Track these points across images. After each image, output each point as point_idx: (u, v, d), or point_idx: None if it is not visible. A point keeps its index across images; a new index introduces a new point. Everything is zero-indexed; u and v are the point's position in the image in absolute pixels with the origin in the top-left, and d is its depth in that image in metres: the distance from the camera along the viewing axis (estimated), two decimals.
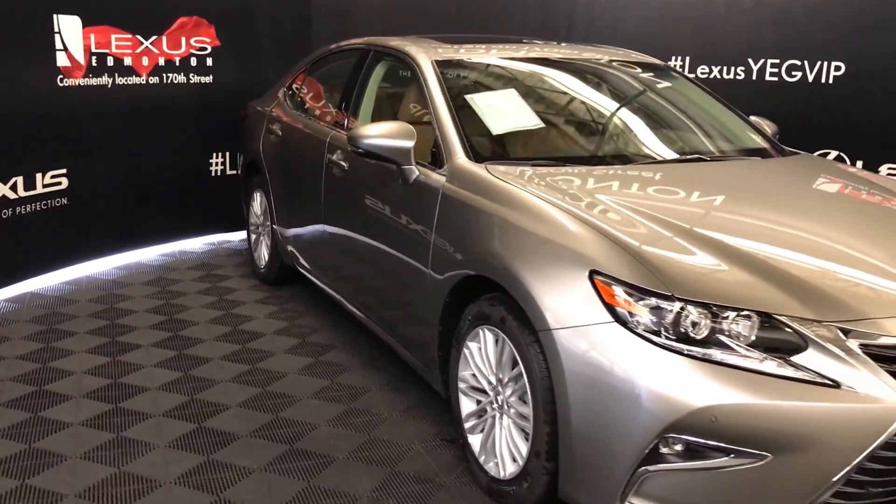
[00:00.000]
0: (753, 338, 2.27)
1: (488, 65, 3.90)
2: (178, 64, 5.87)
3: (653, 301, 2.33)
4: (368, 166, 3.66)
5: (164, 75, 5.80)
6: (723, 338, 2.28)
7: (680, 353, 2.27)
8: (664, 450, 2.29)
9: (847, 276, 2.51)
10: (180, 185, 6.04)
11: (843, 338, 2.25)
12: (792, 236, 2.81)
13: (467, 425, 3.05)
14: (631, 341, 2.32)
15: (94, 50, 5.30)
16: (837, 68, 6.80)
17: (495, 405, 2.90)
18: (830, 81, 6.85)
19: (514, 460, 2.78)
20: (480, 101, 3.50)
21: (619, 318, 2.36)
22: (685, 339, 2.29)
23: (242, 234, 6.13)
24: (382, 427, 3.44)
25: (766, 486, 2.22)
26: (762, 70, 7.13)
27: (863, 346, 2.24)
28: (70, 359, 4.02)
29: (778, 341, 2.26)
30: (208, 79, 6.06)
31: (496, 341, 2.85)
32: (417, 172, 3.34)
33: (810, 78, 6.93)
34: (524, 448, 2.71)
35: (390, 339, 3.70)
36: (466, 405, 3.06)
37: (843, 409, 2.18)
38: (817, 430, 2.18)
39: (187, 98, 5.95)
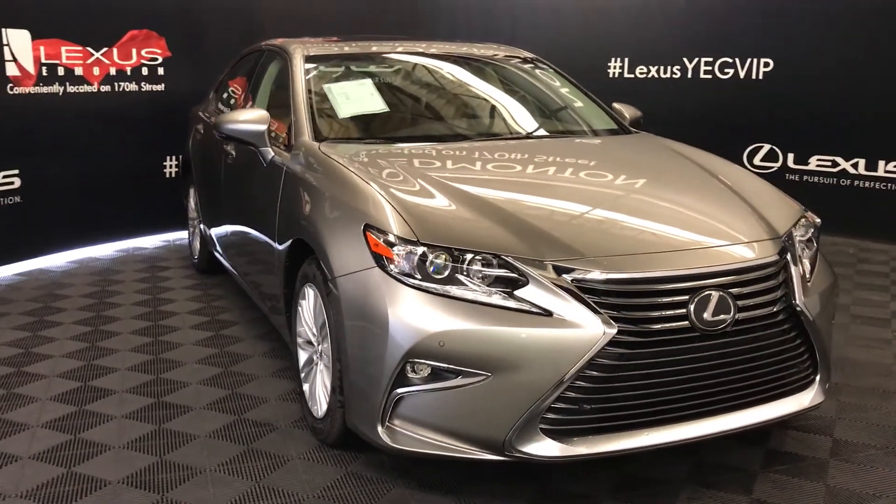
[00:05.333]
0: (485, 276, 2.60)
1: (356, 58, 4.28)
2: (129, 73, 6.35)
3: (406, 247, 2.67)
4: (246, 152, 4.05)
5: (116, 84, 6.28)
6: (460, 276, 2.61)
7: (423, 290, 2.60)
8: (411, 374, 2.62)
9: (576, 223, 2.85)
10: (134, 185, 6.50)
11: (557, 275, 2.56)
12: (550, 193, 3.16)
13: (302, 375, 3.40)
14: (387, 282, 2.67)
15: (44, 61, 5.79)
16: (766, 64, 7.06)
17: (317, 354, 3.25)
18: (760, 77, 7.10)
19: (326, 400, 3.12)
20: (335, 90, 3.88)
21: (379, 263, 2.71)
22: (429, 278, 2.62)
23: None
24: (248, 385, 3.80)
25: (490, 402, 2.54)
26: (696, 68, 7.41)
27: (575, 280, 2.55)
28: None
29: (505, 278, 2.59)
30: (160, 87, 6.53)
31: (315, 296, 3.20)
32: (273, 153, 3.73)
33: (742, 74, 7.19)
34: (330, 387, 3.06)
35: (263, 307, 4.07)
36: (302, 357, 3.41)
37: (552, 333, 2.49)
38: (529, 352, 2.50)
39: (140, 105, 6.43)
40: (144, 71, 6.43)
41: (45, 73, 5.81)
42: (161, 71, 6.52)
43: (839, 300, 4.98)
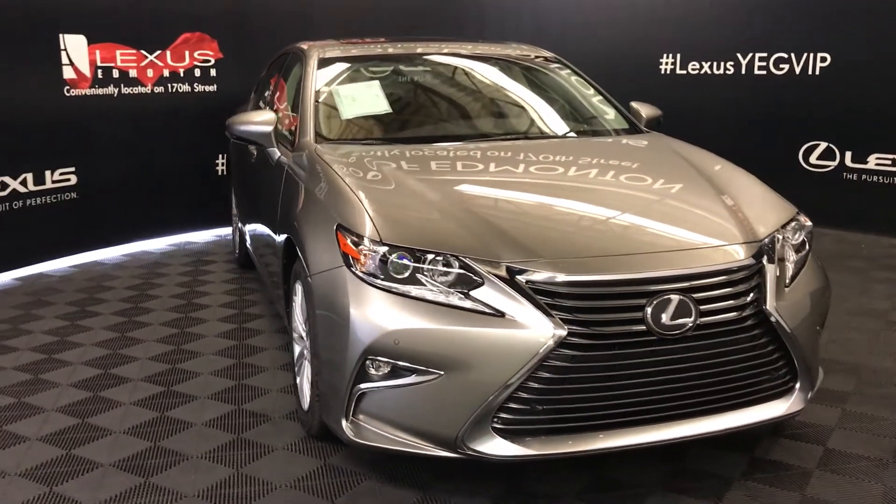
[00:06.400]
0: (445, 276, 2.64)
1: (369, 60, 4.36)
2: (182, 75, 6.62)
3: (371, 247, 2.74)
4: (262, 152, 4.20)
5: (170, 85, 6.56)
6: (421, 276, 2.66)
7: (385, 289, 2.66)
8: (371, 371, 2.68)
9: (539, 224, 2.86)
10: (187, 182, 6.77)
11: (511, 276, 2.58)
12: (523, 194, 3.18)
13: (296, 368, 3.51)
14: (351, 281, 2.74)
15: (99, 64, 6.10)
16: (823, 59, 6.82)
17: (305, 348, 3.35)
18: (817, 73, 6.87)
19: (309, 393, 3.22)
20: (343, 91, 3.97)
21: (346, 262, 2.78)
22: (391, 278, 2.68)
23: None
24: (256, 377, 3.94)
25: (442, 400, 2.58)
26: (751, 64, 7.21)
27: (529, 282, 2.57)
28: (40, 322, 4.76)
29: (463, 278, 2.62)
30: (212, 88, 6.79)
31: (302, 292, 3.30)
32: (279, 154, 3.85)
33: (797, 70, 6.97)
34: None
35: (277, 305, 4.21)
36: (296, 351, 3.52)
37: (502, 334, 2.51)
38: (479, 352, 2.52)
39: (192, 105, 6.69)
40: (197, 72, 6.69)
41: (100, 76, 6.12)
42: (213, 72, 6.77)
43: (880, 305, 4.81)
